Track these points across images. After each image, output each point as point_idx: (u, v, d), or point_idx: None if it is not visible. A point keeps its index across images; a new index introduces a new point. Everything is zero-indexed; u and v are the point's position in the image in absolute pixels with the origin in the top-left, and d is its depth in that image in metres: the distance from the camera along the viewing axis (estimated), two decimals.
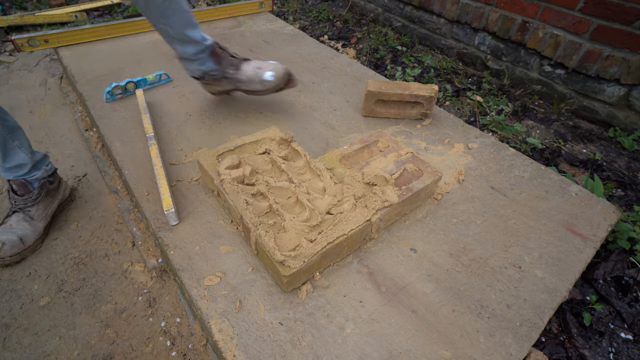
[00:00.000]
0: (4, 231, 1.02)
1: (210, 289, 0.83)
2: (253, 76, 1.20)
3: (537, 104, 1.72)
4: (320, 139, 1.26)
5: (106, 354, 0.87)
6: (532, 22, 1.64)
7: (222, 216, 0.99)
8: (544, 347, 0.88)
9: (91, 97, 1.41)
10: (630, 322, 0.94)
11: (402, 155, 1.05)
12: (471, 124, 1.56)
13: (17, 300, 0.96)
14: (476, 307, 0.81)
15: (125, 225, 1.15)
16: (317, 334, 0.76)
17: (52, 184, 1.11)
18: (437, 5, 1.99)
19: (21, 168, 1.03)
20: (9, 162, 1.00)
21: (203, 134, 1.26)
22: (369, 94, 1.29)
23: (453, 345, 0.75)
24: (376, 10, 2.41)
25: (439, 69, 1.94)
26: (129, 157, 1.17)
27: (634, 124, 1.49)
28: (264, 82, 1.20)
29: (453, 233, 0.96)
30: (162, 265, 1.03)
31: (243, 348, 0.73)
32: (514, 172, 1.15)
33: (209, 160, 1.00)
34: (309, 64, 1.68)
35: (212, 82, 1.24)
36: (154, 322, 0.93)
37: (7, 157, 0.99)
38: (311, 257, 0.78)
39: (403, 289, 0.84)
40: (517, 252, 0.92)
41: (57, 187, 1.13)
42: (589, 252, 0.94)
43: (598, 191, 1.14)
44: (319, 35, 2.29)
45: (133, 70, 1.58)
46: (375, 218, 0.88)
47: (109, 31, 1.80)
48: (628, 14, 1.36)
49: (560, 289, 0.85)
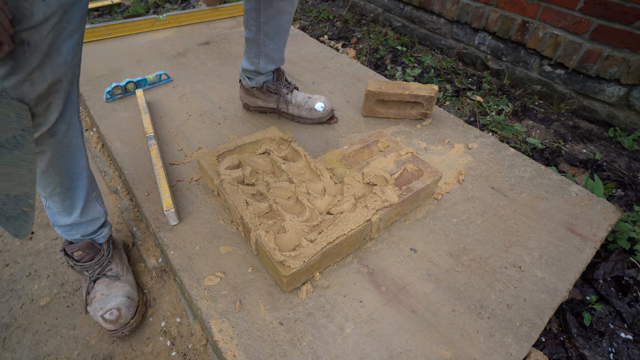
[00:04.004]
0: (106, 300, 0.87)
1: (210, 289, 0.83)
2: (302, 103, 1.28)
3: (537, 104, 1.72)
4: (320, 139, 1.26)
5: (106, 354, 0.86)
6: (532, 22, 1.63)
7: (222, 216, 0.99)
8: (544, 347, 0.88)
9: (91, 97, 1.41)
10: (630, 322, 0.93)
11: (402, 155, 1.05)
12: (471, 124, 1.56)
13: (17, 300, 0.96)
14: (476, 307, 0.81)
15: (125, 225, 1.15)
16: (317, 334, 0.76)
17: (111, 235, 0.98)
18: (437, 5, 1.99)
19: (95, 222, 0.88)
20: (85, 216, 0.84)
21: (203, 134, 1.26)
22: (369, 94, 1.29)
23: (453, 345, 0.75)
24: (376, 10, 2.41)
25: (439, 69, 1.94)
26: (129, 157, 1.17)
27: (634, 124, 1.49)
28: (312, 111, 1.27)
29: (453, 233, 0.96)
30: (162, 265, 1.03)
31: (243, 348, 0.73)
32: (514, 172, 1.15)
33: (209, 160, 1.00)
34: (309, 64, 1.68)
35: (260, 96, 1.29)
36: (154, 322, 0.93)
37: (84, 210, 0.83)
38: (311, 257, 0.78)
39: (403, 289, 0.84)
40: (517, 252, 0.92)
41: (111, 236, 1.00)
42: (589, 252, 0.94)
43: (598, 191, 1.14)
44: (319, 35, 2.29)
45: (133, 70, 1.58)
46: (375, 218, 0.88)
47: (109, 31, 1.80)
48: (628, 14, 1.36)
49: (560, 289, 0.85)
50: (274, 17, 1.08)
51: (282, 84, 1.28)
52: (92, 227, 0.88)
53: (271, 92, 1.28)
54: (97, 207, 0.87)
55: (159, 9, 2.61)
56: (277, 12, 1.07)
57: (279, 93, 1.27)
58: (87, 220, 0.85)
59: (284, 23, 1.11)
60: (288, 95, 1.28)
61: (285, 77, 1.30)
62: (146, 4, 2.65)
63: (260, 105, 1.32)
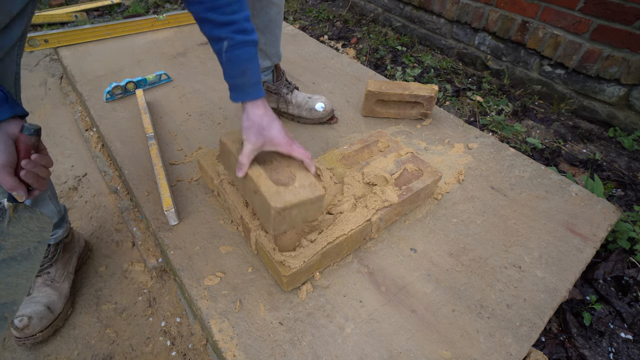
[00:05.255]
0: (26, 303, 0.85)
1: (210, 289, 0.83)
2: (303, 103, 1.28)
3: (537, 104, 1.72)
4: (320, 139, 1.26)
5: (106, 354, 0.86)
6: (532, 22, 1.63)
7: (222, 216, 0.99)
8: (544, 347, 0.88)
9: (91, 97, 1.41)
10: (630, 322, 0.93)
11: (402, 155, 1.05)
12: (471, 124, 1.56)
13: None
14: (476, 307, 0.81)
15: (125, 225, 1.15)
16: (317, 334, 0.76)
17: (67, 237, 0.96)
18: (437, 5, 1.99)
19: None
20: None
21: (203, 134, 1.26)
22: (369, 94, 1.29)
23: (453, 345, 0.75)
24: (376, 10, 2.41)
25: (439, 69, 1.94)
26: (129, 157, 1.17)
27: (634, 124, 1.49)
28: (312, 111, 1.27)
29: (453, 233, 0.96)
30: (162, 265, 1.03)
31: (243, 348, 0.73)
32: (514, 172, 1.15)
33: (209, 160, 1.00)
34: (309, 64, 1.68)
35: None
36: (154, 322, 0.93)
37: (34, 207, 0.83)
38: (311, 257, 0.78)
39: (403, 289, 0.84)
40: (517, 252, 0.92)
41: (71, 239, 0.98)
42: (589, 252, 0.94)
43: (598, 191, 1.14)
44: (319, 35, 2.29)
45: (133, 70, 1.58)
46: (375, 218, 0.88)
47: (109, 31, 1.80)
48: (628, 14, 1.36)
49: (560, 289, 0.85)
50: (262, 9, 1.07)
51: (282, 84, 1.27)
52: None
53: (271, 92, 1.28)
54: (50, 206, 0.84)
55: (159, 9, 2.61)
56: (265, 5, 1.06)
57: (279, 93, 1.27)
58: None
59: (273, 15, 1.10)
60: (288, 95, 1.28)
61: (286, 77, 1.30)
62: (146, 4, 2.65)
63: None
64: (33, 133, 0.56)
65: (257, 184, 0.72)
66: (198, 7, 0.66)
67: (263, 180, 0.73)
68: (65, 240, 0.95)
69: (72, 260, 0.97)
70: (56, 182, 1.27)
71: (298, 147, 0.77)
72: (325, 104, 1.27)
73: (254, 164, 0.77)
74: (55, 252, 0.91)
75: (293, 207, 0.70)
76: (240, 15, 0.68)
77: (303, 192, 0.72)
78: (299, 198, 0.71)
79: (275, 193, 0.70)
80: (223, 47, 0.69)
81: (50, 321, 0.86)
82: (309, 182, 0.75)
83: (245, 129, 0.74)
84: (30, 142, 0.56)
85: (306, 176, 0.76)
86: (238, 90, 0.73)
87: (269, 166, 0.79)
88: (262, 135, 0.74)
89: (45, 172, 0.58)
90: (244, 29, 0.69)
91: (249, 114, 0.73)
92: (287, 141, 0.76)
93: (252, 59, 0.72)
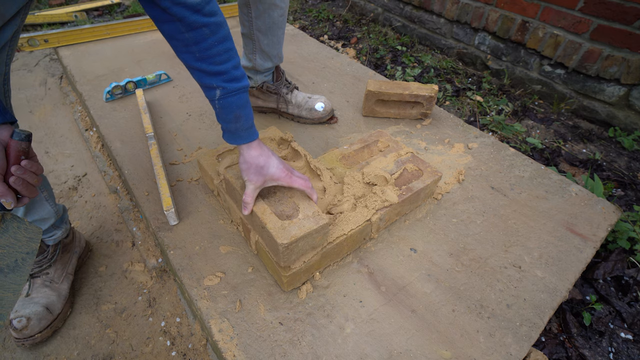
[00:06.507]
0: (25, 304, 0.85)
1: (210, 289, 0.83)
2: (302, 103, 1.28)
3: (537, 104, 1.72)
4: (320, 139, 1.26)
5: (106, 354, 0.86)
6: (532, 22, 1.63)
7: (222, 216, 0.99)
8: (544, 347, 0.88)
9: (91, 97, 1.41)
10: (630, 322, 0.93)
11: (402, 155, 1.05)
12: (471, 124, 1.56)
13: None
14: (476, 307, 0.81)
15: (125, 225, 1.15)
16: (317, 334, 0.76)
17: (67, 237, 0.95)
18: (437, 5, 1.99)
19: (43, 223, 0.86)
20: (31, 215, 0.82)
21: (203, 134, 1.26)
22: (369, 93, 1.29)
23: (453, 345, 0.75)
24: (376, 10, 2.41)
25: (439, 69, 1.94)
26: (128, 157, 1.17)
27: (634, 123, 1.49)
28: (312, 111, 1.28)
29: (453, 233, 0.96)
30: (162, 265, 1.03)
31: (243, 348, 0.73)
32: (514, 172, 1.15)
33: (209, 160, 1.00)
34: (309, 64, 1.68)
35: (260, 95, 1.29)
36: (154, 322, 0.93)
37: (31, 209, 0.81)
38: (311, 257, 0.78)
39: (403, 289, 0.84)
40: (517, 252, 0.92)
41: (72, 239, 0.98)
42: (589, 252, 0.94)
43: (598, 191, 1.14)
44: (319, 35, 2.29)
45: (133, 70, 1.58)
46: (375, 218, 0.88)
47: (109, 31, 1.80)
48: (628, 14, 1.36)
49: (560, 289, 0.85)
50: (265, 11, 1.07)
51: (282, 84, 1.27)
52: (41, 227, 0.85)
53: (271, 92, 1.28)
54: (47, 207, 0.84)
55: None
56: (268, 7, 1.07)
57: (279, 93, 1.27)
58: (34, 220, 0.83)
59: (276, 18, 1.10)
60: (288, 95, 1.28)
61: (285, 77, 1.30)
62: None
63: (260, 105, 1.32)
64: (24, 139, 0.54)
65: (263, 220, 0.75)
66: (188, 56, 0.67)
67: (268, 216, 0.75)
68: (65, 241, 0.95)
69: (72, 261, 0.97)
70: (56, 182, 1.27)
71: (298, 178, 0.79)
72: (325, 104, 1.27)
73: (258, 199, 0.79)
74: (54, 252, 0.91)
75: (299, 240, 0.73)
76: (230, 65, 0.69)
77: (307, 223, 0.75)
78: (304, 230, 0.73)
79: (280, 228, 0.73)
80: (216, 96, 0.70)
81: (49, 322, 0.86)
82: (312, 212, 0.77)
83: (244, 170, 0.76)
84: (20, 147, 0.54)
85: (309, 205, 0.79)
86: (232, 133, 0.75)
87: (272, 198, 0.82)
88: (262, 175, 0.76)
89: (35, 179, 0.56)
90: (234, 77, 0.70)
91: (244, 156, 0.75)
92: (287, 174, 0.78)
93: (245, 105, 0.74)
